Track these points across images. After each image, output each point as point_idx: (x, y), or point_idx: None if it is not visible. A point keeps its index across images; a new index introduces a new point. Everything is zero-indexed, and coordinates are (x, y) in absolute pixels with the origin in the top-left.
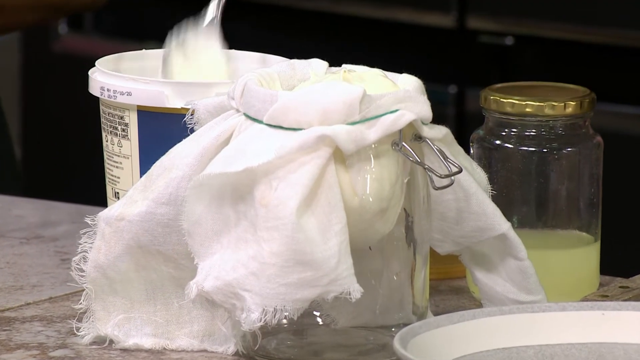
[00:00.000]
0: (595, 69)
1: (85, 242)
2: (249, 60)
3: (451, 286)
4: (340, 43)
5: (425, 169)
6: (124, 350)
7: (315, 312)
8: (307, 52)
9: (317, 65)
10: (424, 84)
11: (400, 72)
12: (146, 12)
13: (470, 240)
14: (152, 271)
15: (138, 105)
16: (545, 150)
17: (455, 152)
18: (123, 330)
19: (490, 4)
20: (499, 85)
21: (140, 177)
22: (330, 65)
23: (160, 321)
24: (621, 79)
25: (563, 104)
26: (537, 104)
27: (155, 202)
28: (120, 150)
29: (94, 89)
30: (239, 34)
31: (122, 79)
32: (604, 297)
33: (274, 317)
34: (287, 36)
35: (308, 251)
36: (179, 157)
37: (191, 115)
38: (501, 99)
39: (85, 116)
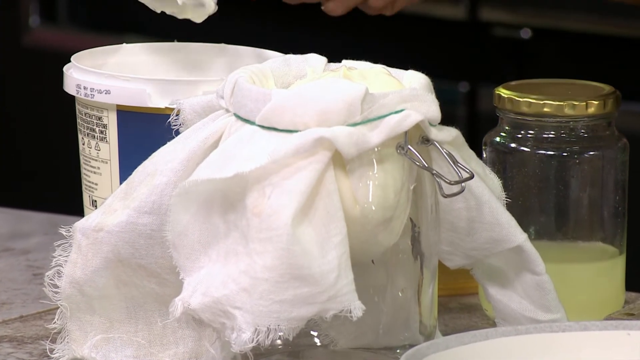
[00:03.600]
0: (620, 64)
1: (60, 255)
2: (244, 55)
3: (462, 303)
4: (340, 36)
5: (433, 174)
6: None
7: (312, 332)
8: (303, 46)
9: (315, 61)
10: (432, 81)
11: (406, 69)
12: (126, 2)
13: (482, 253)
14: (133, 287)
15: (118, 105)
16: (565, 154)
17: (467, 156)
18: (101, 352)
19: None
20: (515, 82)
21: (120, 183)
22: (329, 61)
23: (142, 342)
24: None
25: (585, 103)
26: (557, 103)
27: (136, 211)
28: (98, 154)
29: (69, 87)
30: (228, 25)
31: (100, 76)
32: (630, 315)
33: (267, 337)
34: (281, 28)
35: (305, 265)
36: (163, 161)
37: (176, 115)
38: (517, 98)
39: (60, 117)
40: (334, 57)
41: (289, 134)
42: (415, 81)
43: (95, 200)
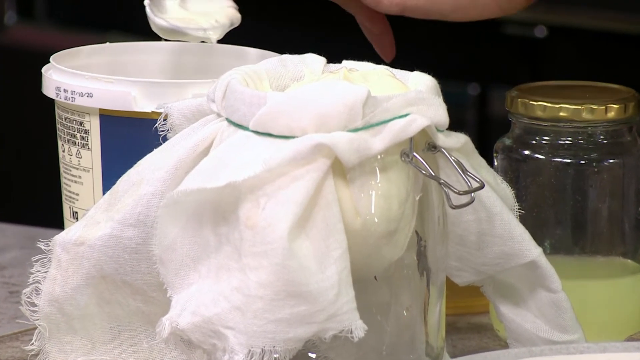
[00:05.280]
0: None
1: (38, 271)
2: (237, 55)
3: (471, 323)
4: (340, 35)
5: (440, 184)
6: None
7: (310, 354)
8: (301, 45)
9: (313, 61)
10: (440, 83)
11: (411, 70)
12: None
13: (494, 269)
14: (117, 305)
15: (100, 109)
16: (582, 162)
17: (476, 164)
18: None
19: None
20: (528, 84)
21: (104, 193)
22: (329, 62)
23: None
24: None
25: (604, 107)
26: (574, 107)
27: (121, 224)
28: (80, 162)
29: (48, 90)
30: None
31: (82, 78)
32: None
33: (262, 359)
34: (276, 26)
35: (302, 281)
36: (150, 170)
37: (164, 120)
38: (531, 102)
39: (38, 122)
40: (333, 57)
41: (285, 140)
42: (421, 83)
43: (77, 212)
